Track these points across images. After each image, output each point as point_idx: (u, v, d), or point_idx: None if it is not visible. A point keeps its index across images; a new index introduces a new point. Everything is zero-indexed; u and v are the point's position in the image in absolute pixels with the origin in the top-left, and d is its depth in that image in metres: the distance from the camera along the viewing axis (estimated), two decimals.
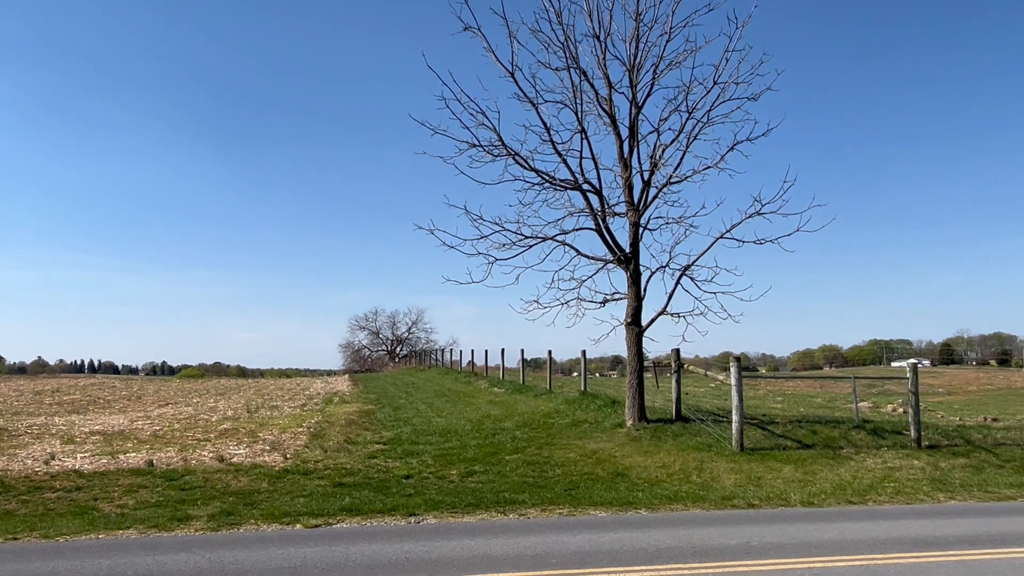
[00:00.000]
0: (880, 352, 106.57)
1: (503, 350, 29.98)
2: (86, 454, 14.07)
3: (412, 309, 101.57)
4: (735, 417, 12.59)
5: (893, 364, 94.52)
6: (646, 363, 14.96)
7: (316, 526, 8.79)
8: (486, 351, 33.07)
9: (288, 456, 13.29)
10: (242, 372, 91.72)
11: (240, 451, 14.05)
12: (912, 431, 12.93)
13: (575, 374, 42.64)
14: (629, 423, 14.49)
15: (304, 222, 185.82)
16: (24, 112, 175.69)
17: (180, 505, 10.02)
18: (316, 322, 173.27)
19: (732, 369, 12.74)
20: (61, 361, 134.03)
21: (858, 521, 8.60)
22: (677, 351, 14.87)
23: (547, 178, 14.40)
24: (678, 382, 14.89)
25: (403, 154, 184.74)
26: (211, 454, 13.58)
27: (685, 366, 15.14)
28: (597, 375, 51.61)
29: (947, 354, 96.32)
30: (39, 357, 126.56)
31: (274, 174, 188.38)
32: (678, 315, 14.47)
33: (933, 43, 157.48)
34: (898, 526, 8.30)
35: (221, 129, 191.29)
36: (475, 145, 14.19)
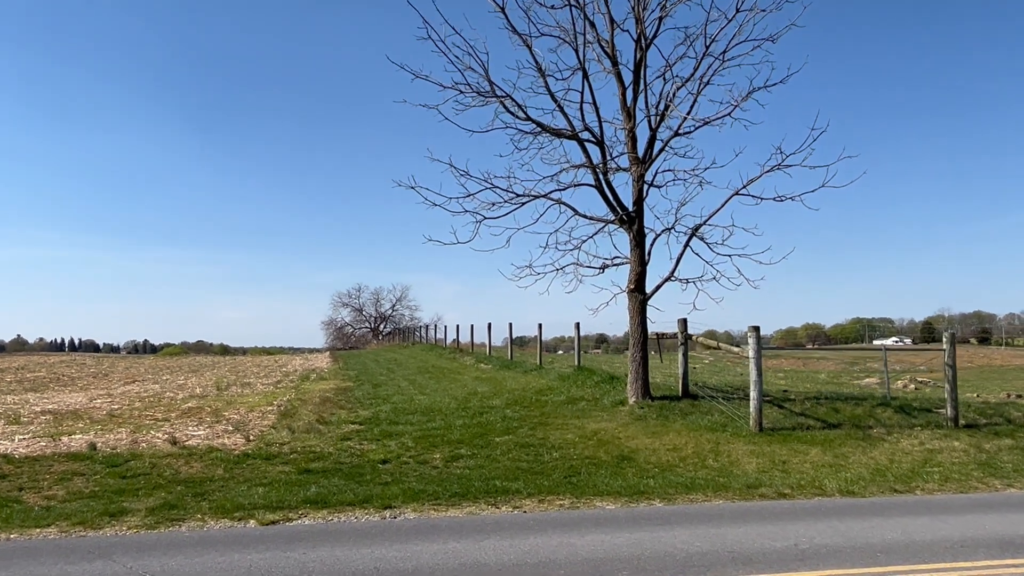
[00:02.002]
0: (863, 330, 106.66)
1: (490, 324, 28.65)
2: (27, 436, 12.56)
3: (396, 286, 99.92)
4: (753, 394, 11.22)
5: (875, 342, 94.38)
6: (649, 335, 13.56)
7: (273, 523, 7.36)
8: (472, 326, 31.68)
9: (251, 438, 11.83)
10: (225, 350, 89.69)
11: (199, 432, 12.58)
12: (948, 409, 11.62)
13: (560, 352, 41.27)
14: (632, 400, 13.11)
15: (288, 199, 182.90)
16: None
17: (117, 496, 8.57)
18: (301, 300, 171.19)
19: (750, 340, 11.37)
20: (41, 339, 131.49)
21: (916, 515, 7.27)
22: (684, 321, 13.47)
23: (542, 126, 12.84)
24: (685, 355, 13.50)
25: (389, 131, 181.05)
26: (165, 436, 12.10)
27: (693, 338, 13.76)
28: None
29: (928, 332, 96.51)
30: (18, 335, 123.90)
31: (256, 150, 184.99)
32: (687, 281, 13.06)
33: (927, 20, 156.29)
34: (969, 523, 6.96)
35: (203, 105, 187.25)
36: (461, 90, 12.62)
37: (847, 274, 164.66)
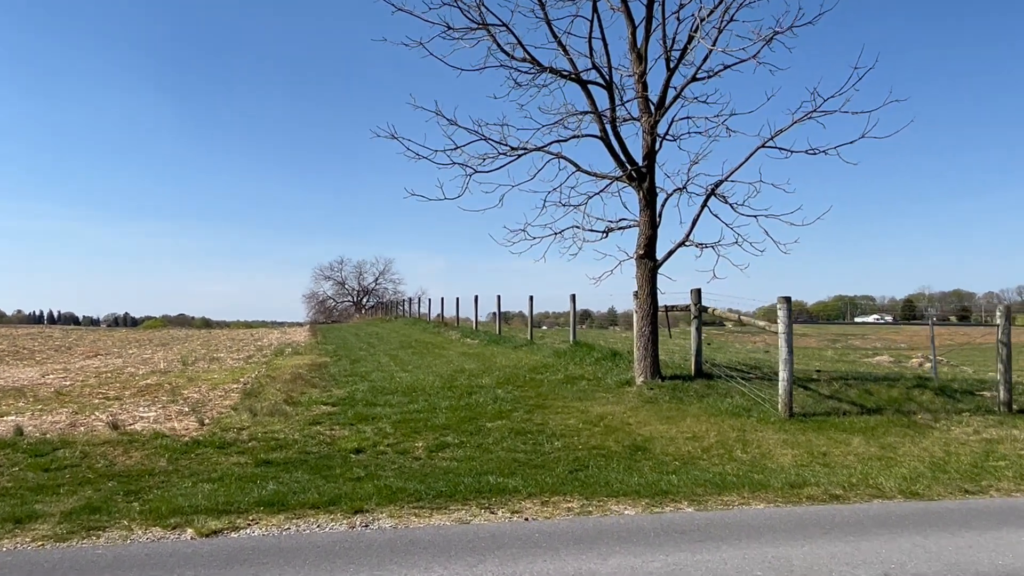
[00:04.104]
0: (845, 307, 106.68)
1: (476, 297, 27.23)
2: None
3: (379, 259, 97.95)
4: (783, 374, 9.81)
5: (857, 319, 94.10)
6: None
7: (215, 532, 5.88)
8: (457, 299, 30.23)
9: (206, 422, 10.30)
10: (207, 324, 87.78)
11: (148, 414, 11.05)
12: (1001, 392, 10.28)
13: (544, 327, 39.99)
14: (640, 380, 11.70)
15: (271, 170, 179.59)
16: None
17: (33, 495, 7.05)
18: (286, 274, 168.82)
19: (780, 313, 9.94)
20: (19, 312, 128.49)
21: (1018, 529, 5.89)
22: (698, 291, 12.05)
23: (541, 65, 11.24)
24: (699, 330, 12.08)
25: (376, 101, 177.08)
26: (109, 418, 10.56)
27: (710, 310, 12.31)
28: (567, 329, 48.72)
29: (909, 310, 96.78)
30: None
31: (242, 121, 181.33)
32: (704, 245, 11.57)
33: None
34: None
35: (183, 73, 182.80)
36: (450, 24, 10.98)
37: (830, 251, 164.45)
